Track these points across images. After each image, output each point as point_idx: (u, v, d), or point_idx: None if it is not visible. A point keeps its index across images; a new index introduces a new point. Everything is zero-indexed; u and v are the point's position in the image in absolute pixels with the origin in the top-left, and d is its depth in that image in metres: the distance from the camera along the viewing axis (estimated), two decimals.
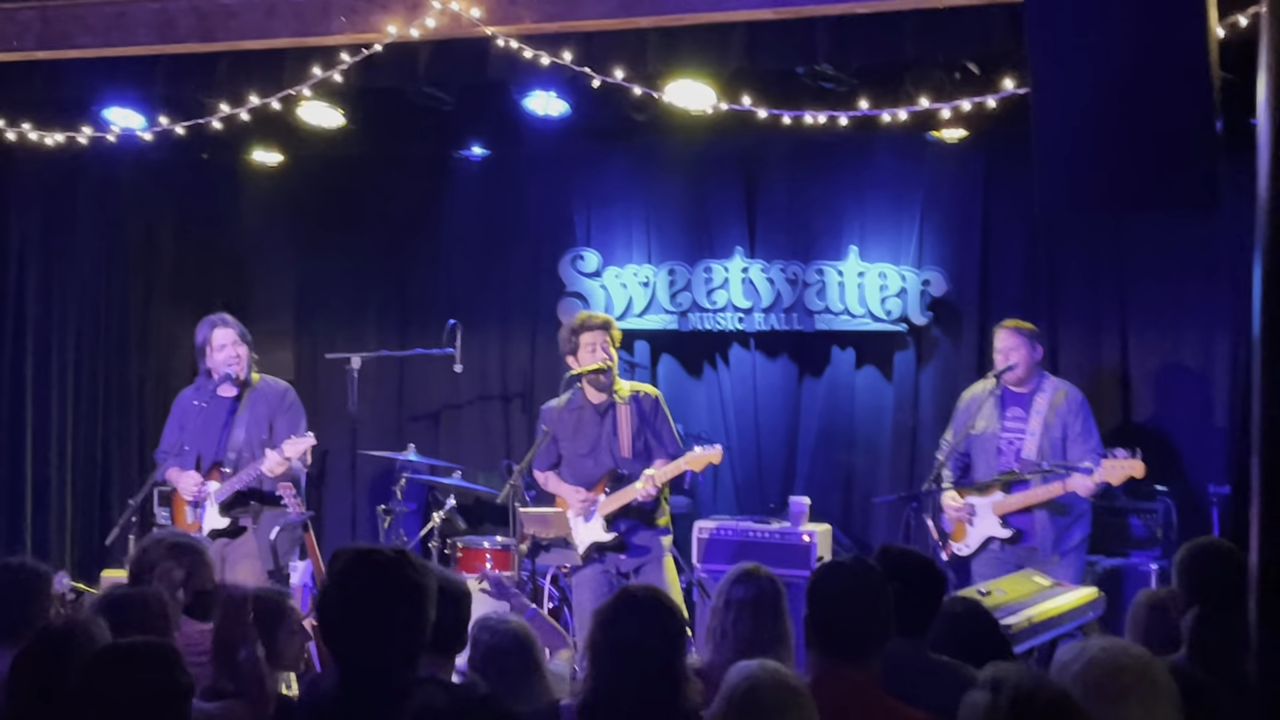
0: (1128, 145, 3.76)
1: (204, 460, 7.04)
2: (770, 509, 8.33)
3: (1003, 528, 6.91)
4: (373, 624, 3.12)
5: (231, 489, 6.89)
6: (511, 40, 6.37)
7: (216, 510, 6.92)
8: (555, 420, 6.94)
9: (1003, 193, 8.26)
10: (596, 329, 6.85)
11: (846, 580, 3.62)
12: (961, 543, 7.07)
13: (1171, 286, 7.95)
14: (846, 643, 3.53)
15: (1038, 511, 6.85)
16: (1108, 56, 3.75)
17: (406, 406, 9.61)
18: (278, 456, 6.73)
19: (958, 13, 5.96)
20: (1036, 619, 5.51)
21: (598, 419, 6.88)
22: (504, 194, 9.29)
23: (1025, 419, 6.94)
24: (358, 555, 3.22)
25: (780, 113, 6.69)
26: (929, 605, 3.98)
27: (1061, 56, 3.85)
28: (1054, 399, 6.95)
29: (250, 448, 6.97)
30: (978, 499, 6.99)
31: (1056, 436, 6.88)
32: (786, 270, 8.50)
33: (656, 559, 6.80)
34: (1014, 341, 6.97)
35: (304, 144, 8.36)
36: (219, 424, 7.03)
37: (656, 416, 6.90)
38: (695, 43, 6.40)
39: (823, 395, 8.65)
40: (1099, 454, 6.70)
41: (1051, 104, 3.89)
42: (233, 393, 7.07)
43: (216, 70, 7.04)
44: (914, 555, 4.20)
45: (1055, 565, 6.72)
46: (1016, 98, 6.10)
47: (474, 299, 9.24)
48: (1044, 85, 3.91)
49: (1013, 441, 6.97)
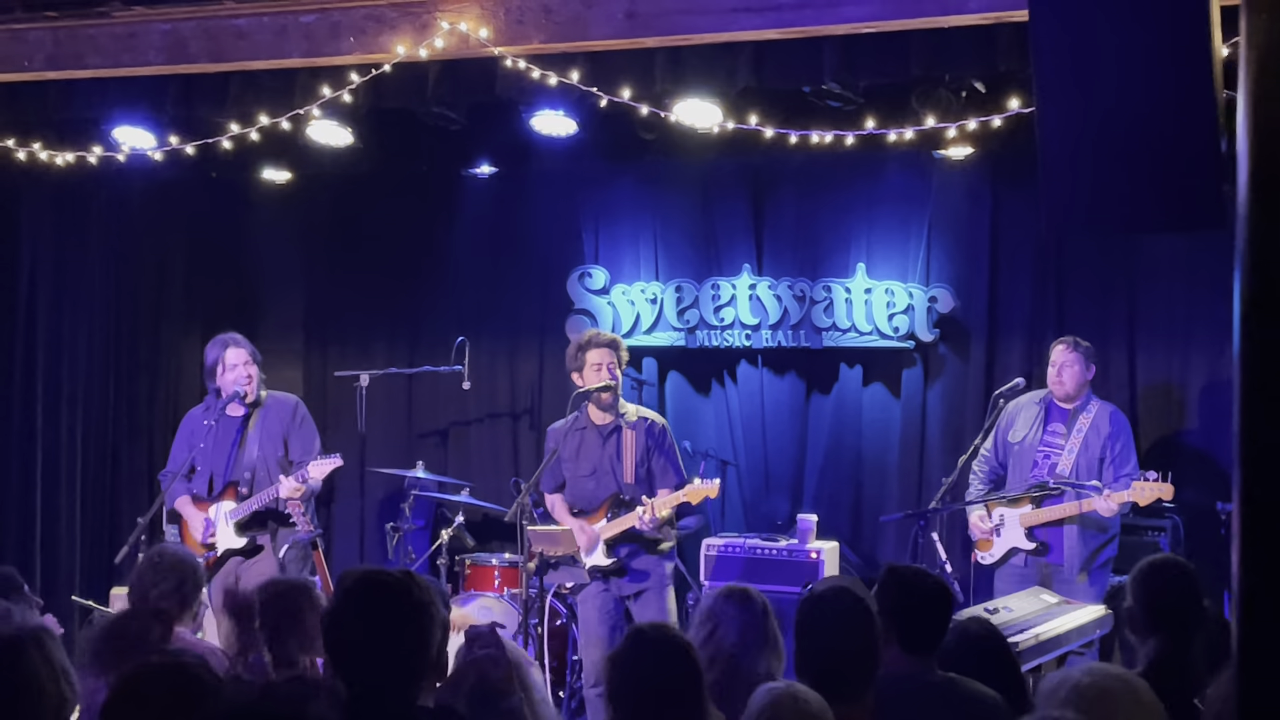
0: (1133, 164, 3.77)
1: (217, 480, 7.07)
2: (778, 526, 8.34)
3: (1028, 539, 6.94)
4: (380, 644, 3.15)
5: (249, 509, 6.92)
6: (520, 60, 6.40)
7: (232, 530, 6.95)
8: (560, 440, 6.95)
9: (1009, 210, 8.27)
10: (603, 347, 6.86)
11: (826, 615, 3.60)
12: (986, 553, 7.11)
13: (1179, 302, 7.95)
14: (833, 680, 3.51)
15: (1068, 528, 6.88)
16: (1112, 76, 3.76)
17: (415, 424, 9.62)
18: (293, 483, 6.76)
19: (964, 32, 5.98)
20: (1044, 637, 5.52)
21: (601, 441, 6.89)
22: (512, 212, 9.32)
23: (1066, 435, 7.00)
24: (366, 576, 3.26)
25: (787, 131, 6.72)
26: (938, 624, 3.98)
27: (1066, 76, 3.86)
28: (1098, 420, 6.98)
29: (265, 465, 7.00)
30: (1007, 510, 7.02)
31: (1095, 456, 6.94)
32: (794, 287, 8.51)
33: (658, 586, 6.80)
34: (1070, 357, 7.06)
35: (313, 163, 8.40)
36: (229, 443, 7.07)
37: (664, 445, 6.90)
38: (702, 62, 6.42)
39: (830, 412, 8.66)
40: (1132, 478, 6.76)
41: (1056, 123, 3.90)
42: (241, 412, 7.10)
43: (227, 90, 7.07)
44: (923, 574, 4.20)
45: (1081, 584, 6.76)
46: (1022, 116, 6.12)
47: (482, 316, 9.27)
48: (1049, 105, 3.92)
49: (1049, 455, 7.02)
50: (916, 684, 3.73)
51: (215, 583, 6.97)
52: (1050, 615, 5.85)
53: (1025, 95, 6.06)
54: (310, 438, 7.18)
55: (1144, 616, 4.34)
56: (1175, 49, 3.67)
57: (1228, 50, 3.70)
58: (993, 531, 7.04)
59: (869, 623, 3.56)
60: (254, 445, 7.06)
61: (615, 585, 6.81)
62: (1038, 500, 6.94)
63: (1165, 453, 7.85)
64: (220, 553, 6.95)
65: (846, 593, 3.68)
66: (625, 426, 6.88)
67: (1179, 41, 3.66)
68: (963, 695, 3.75)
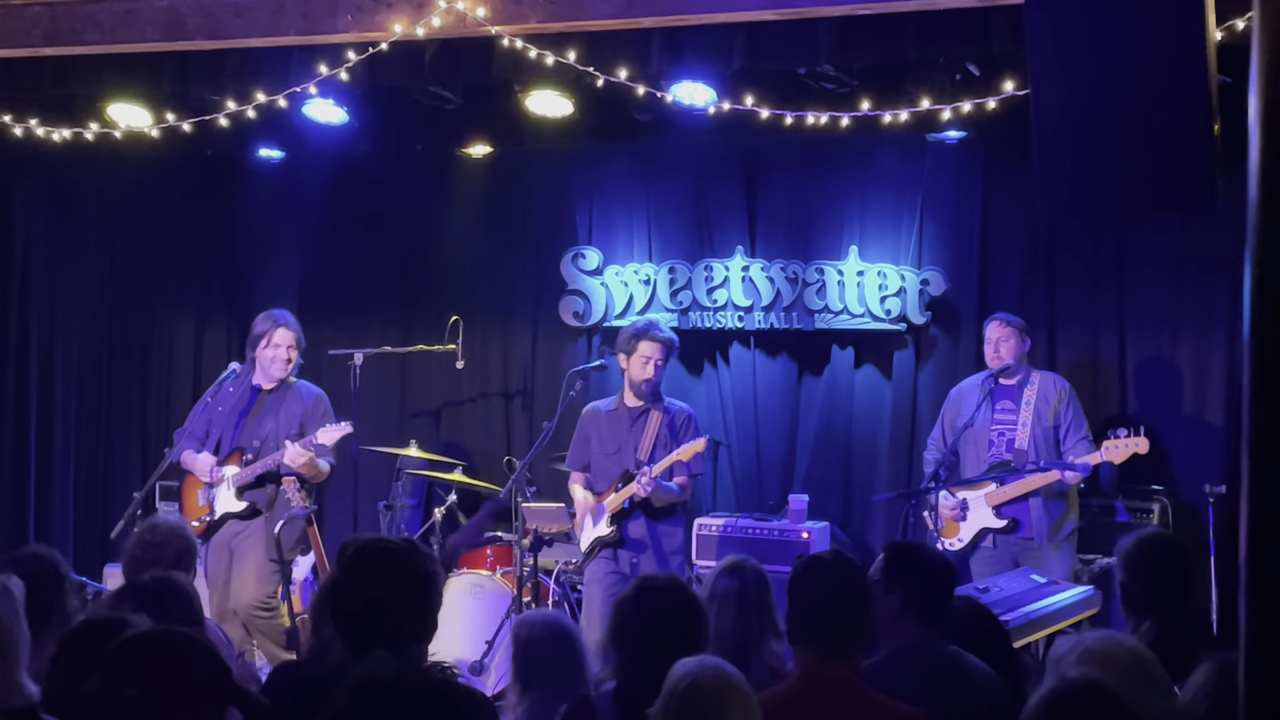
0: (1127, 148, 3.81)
1: (224, 445, 7.12)
2: (769, 506, 8.39)
3: (997, 518, 7.00)
4: (385, 610, 3.20)
5: (252, 474, 6.97)
6: (516, 40, 6.43)
7: (233, 494, 6.99)
8: (592, 421, 7.04)
9: (1002, 193, 8.31)
10: (659, 343, 6.92)
11: (825, 576, 3.63)
12: (954, 538, 7.15)
13: (1169, 286, 7.99)
14: (828, 639, 3.55)
15: (1033, 500, 6.96)
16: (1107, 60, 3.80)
17: (408, 403, 9.65)
18: (297, 449, 6.81)
19: (958, 14, 6.02)
20: (1034, 616, 5.57)
21: (630, 423, 6.98)
22: (507, 192, 9.34)
23: (1016, 410, 7.08)
24: (369, 544, 3.32)
25: (782, 113, 6.74)
26: (946, 594, 4.03)
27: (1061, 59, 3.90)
28: (1043, 389, 7.08)
29: (276, 440, 7.04)
30: (970, 493, 7.08)
31: (1049, 425, 7.05)
32: (787, 269, 8.55)
33: (661, 554, 6.86)
34: (1004, 332, 7.20)
35: (309, 142, 8.41)
36: (244, 412, 7.12)
37: (687, 432, 6.97)
38: (698, 43, 6.45)
39: (822, 394, 8.70)
40: (1089, 440, 6.83)
41: (1051, 107, 3.94)
42: (268, 385, 7.16)
43: (223, 68, 7.08)
44: (926, 548, 4.26)
45: (1050, 555, 6.83)
46: (1016, 99, 6.16)
47: (475, 296, 9.29)
48: (1043, 88, 3.96)
49: (1004, 433, 7.10)
50: (931, 655, 3.78)
51: (211, 547, 7.03)
52: (1040, 595, 5.89)
53: (1019, 78, 6.09)
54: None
55: (1142, 592, 4.37)
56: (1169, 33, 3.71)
57: (1221, 35, 3.73)
58: (958, 510, 7.08)
59: (861, 583, 3.61)
60: (269, 419, 7.12)
61: (622, 561, 6.85)
62: (1000, 478, 7.01)
63: (1154, 435, 7.91)
64: (218, 516, 7.00)
65: (839, 554, 3.75)
66: (654, 410, 6.96)
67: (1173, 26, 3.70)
68: (969, 668, 3.80)
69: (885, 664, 3.83)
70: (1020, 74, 6.03)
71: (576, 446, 7.15)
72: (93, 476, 9.36)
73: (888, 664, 3.83)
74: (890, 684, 3.61)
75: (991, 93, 6.37)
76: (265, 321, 7.23)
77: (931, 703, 3.54)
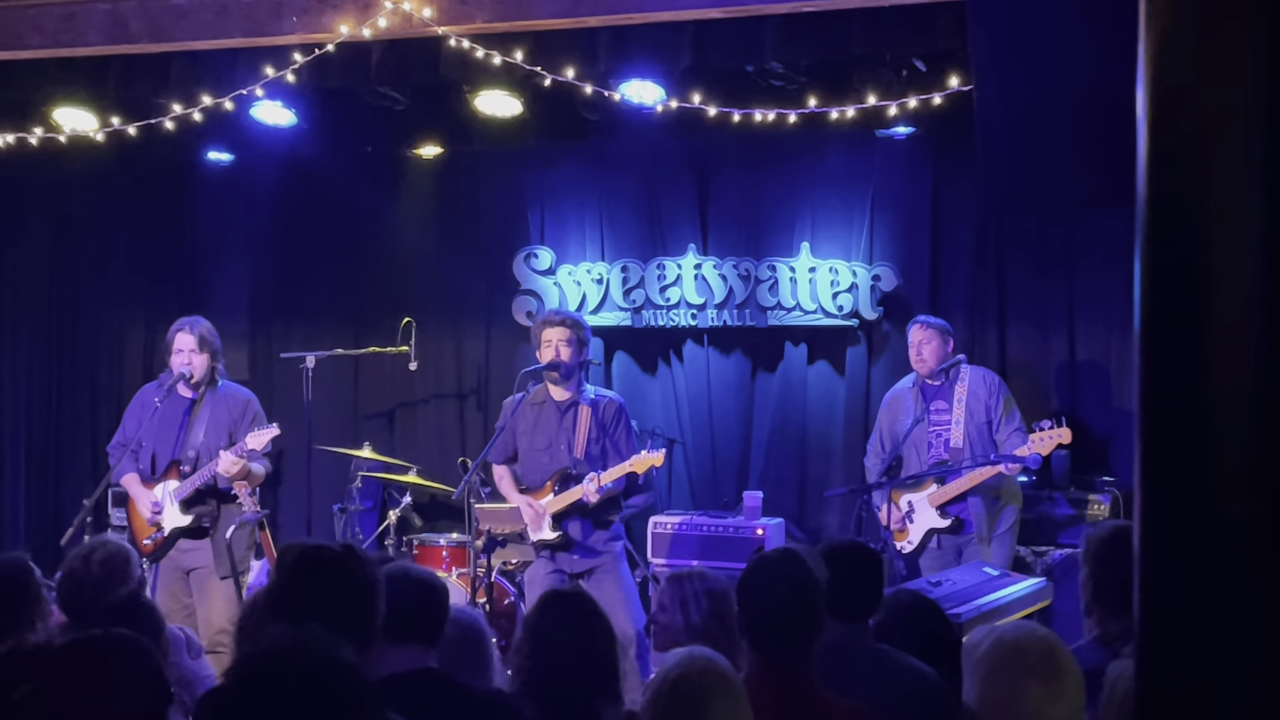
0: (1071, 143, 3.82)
1: (159, 458, 7.02)
2: (724, 504, 8.40)
3: (942, 518, 7.05)
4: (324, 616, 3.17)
5: (192, 486, 6.88)
6: (463, 40, 6.41)
7: (178, 509, 6.92)
8: (513, 414, 6.89)
9: (951, 188, 8.35)
10: (555, 326, 6.77)
11: (771, 575, 3.60)
12: (904, 541, 7.18)
13: (1120, 278, 8.03)
14: (776, 639, 3.52)
15: (971, 499, 6.99)
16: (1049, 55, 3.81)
17: (361, 405, 9.61)
18: (231, 457, 6.74)
19: (904, 11, 6.04)
20: (986, 609, 5.59)
21: (558, 416, 6.80)
22: (457, 193, 9.31)
23: (949, 409, 7.12)
24: (306, 551, 3.27)
25: (730, 110, 6.76)
26: (868, 590, 4.00)
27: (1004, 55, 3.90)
28: (973, 385, 7.12)
29: (209, 450, 6.94)
30: (913, 495, 7.13)
31: (982, 421, 7.10)
32: (739, 267, 8.56)
33: (610, 564, 6.67)
34: (926, 334, 7.25)
35: (257, 144, 8.36)
36: (175, 423, 7.02)
37: (617, 425, 6.81)
38: (645, 42, 6.46)
39: (776, 390, 8.72)
40: (1023, 431, 6.93)
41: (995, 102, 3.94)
42: (190, 394, 7.06)
43: (169, 71, 7.04)
44: (850, 543, 4.22)
45: (989, 550, 6.87)
46: (963, 95, 6.19)
47: (428, 297, 9.27)
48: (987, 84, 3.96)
49: (941, 434, 7.13)
50: (847, 652, 3.76)
51: (163, 564, 6.95)
52: (992, 587, 5.92)
53: (965, 74, 6.13)
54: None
55: (1126, 590, 4.19)
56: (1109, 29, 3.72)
57: None
58: (903, 519, 7.14)
59: (811, 586, 3.57)
60: (200, 429, 7.02)
61: (563, 562, 6.71)
62: (941, 478, 7.05)
63: (1103, 428, 7.98)
64: (168, 532, 6.92)
65: (791, 555, 3.69)
66: (582, 403, 6.84)
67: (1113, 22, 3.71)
68: (893, 666, 3.78)
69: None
70: (966, 69, 6.07)
71: (501, 438, 6.87)
72: (43, 483, 9.28)
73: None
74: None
75: (938, 89, 6.41)
76: (172, 329, 7.16)
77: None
